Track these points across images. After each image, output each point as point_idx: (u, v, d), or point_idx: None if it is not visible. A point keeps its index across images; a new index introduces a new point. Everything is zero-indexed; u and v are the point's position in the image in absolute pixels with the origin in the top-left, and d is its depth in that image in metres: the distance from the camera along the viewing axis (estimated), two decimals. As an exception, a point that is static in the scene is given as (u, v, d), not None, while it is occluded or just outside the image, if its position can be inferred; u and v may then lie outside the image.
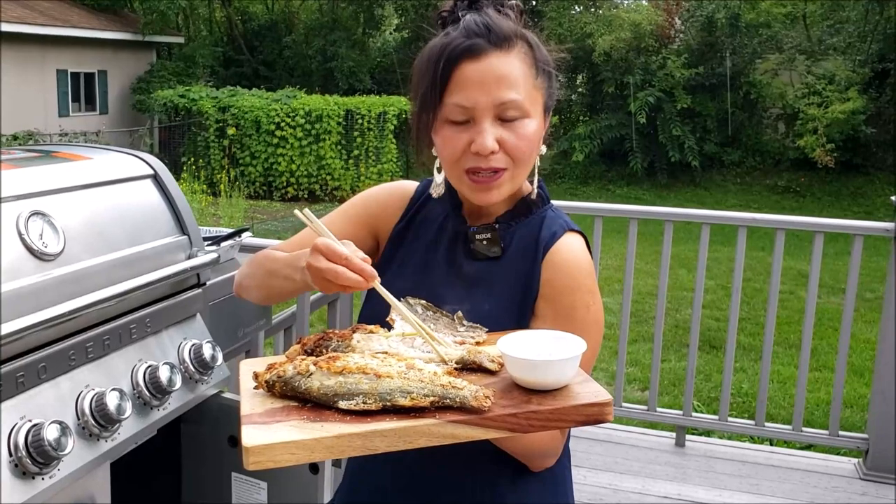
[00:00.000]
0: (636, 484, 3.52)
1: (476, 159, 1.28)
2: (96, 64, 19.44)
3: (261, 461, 1.00)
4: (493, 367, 1.17)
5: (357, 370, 1.09)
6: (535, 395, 1.10)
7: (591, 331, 1.31)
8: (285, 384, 1.13)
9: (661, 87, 17.94)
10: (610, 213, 3.99)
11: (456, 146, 1.29)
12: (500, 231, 1.37)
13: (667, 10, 19.39)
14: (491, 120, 1.27)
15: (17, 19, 16.59)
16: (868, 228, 3.72)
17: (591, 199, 16.29)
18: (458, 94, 1.26)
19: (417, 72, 1.32)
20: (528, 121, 1.29)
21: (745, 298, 8.06)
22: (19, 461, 1.39)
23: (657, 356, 3.92)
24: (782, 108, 18.84)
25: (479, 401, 1.05)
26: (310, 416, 1.07)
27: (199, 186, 15.40)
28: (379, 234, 1.48)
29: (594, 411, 1.08)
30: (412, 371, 1.09)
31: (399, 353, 1.18)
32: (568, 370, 1.11)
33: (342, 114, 17.10)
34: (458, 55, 1.26)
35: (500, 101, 1.26)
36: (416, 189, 1.49)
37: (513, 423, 1.06)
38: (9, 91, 16.29)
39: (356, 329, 1.26)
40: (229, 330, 2.26)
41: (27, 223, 1.54)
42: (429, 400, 1.06)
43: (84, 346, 1.60)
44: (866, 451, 3.64)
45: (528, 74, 1.29)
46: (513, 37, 1.29)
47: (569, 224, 1.40)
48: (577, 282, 1.33)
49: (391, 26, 25.15)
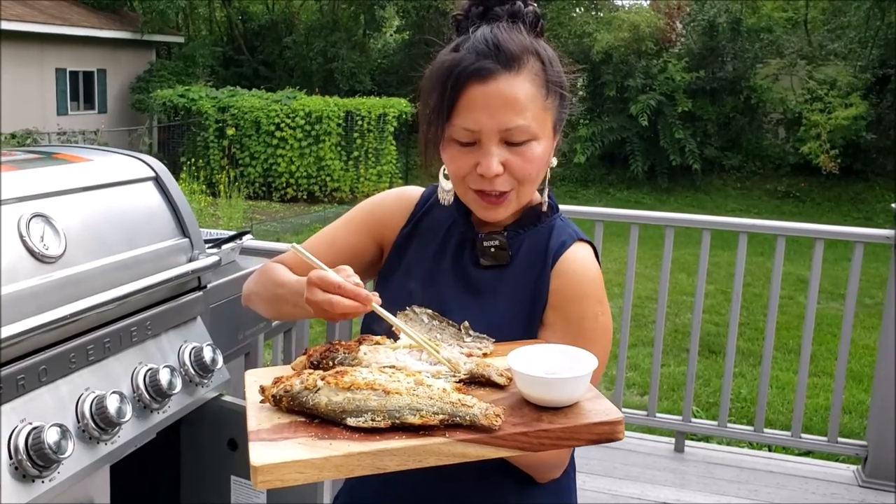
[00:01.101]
0: (635, 489, 3.51)
1: (481, 181, 1.27)
2: (95, 63, 19.44)
3: (269, 480, 0.99)
4: (502, 382, 1.15)
5: (365, 386, 1.08)
6: (545, 413, 1.08)
7: (600, 341, 1.30)
8: (292, 399, 1.11)
9: (662, 90, 17.96)
10: (611, 217, 3.98)
11: (462, 167, 1.28)
12: (509, 238, 1.36)
13: (668, 13, 19.42)
14: (497, 143, 1.25)
15: (16, 17, 16.59)
16: (868, 236, 3.71)
17: (591, 202, 16.30)
18: (464, 117, 1.24)
19: (426, 86, 1.30)
20: (536, 143, 1.27)
21: (745, 303, 8.05)
22: (19, 464, 1.39)
23: (657, 361, 3.92)
24: (783, 112, 18.88)
25: (489, 419, 1.03)
26: (318, 433, 1.05)
27: (198, 187, 15.39)
28: (384, 242, 1.46)
29: (605, 430, 1.06)
30: (421, 388, 1.07)
31: (407, 366, 1.17)
32: (579, 387, 1.09)
33: (342, 115, 17.10)
34: (466, 77, 1.24)
35: (506, 126, 1.24)
36: (421, 195, 1.47)
37: (523, 442, 1.04)
38: (7, 89, 16.29)
39: (362, 340, 1.24)
40: (229, 332, 2.26)
41: (28, 225, 1.53)
42: (438, 418, 1.04)
43: (84, 348, 1.59)
44: (865, 458, 3.64)
45: (538, 96, 1.26)
46: (523, 55, 1.25)
47: (578, 233, 1.38)
48: (586, 291, 1.32)
49: (392, 28, 25.16)
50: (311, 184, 17.08)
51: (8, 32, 16.21)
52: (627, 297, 3.89)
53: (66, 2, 19.81)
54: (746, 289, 6.57)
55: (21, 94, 16.87)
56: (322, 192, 17.03)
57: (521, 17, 1.30)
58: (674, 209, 15.29)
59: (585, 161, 18.26)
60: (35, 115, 16.93)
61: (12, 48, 16.59)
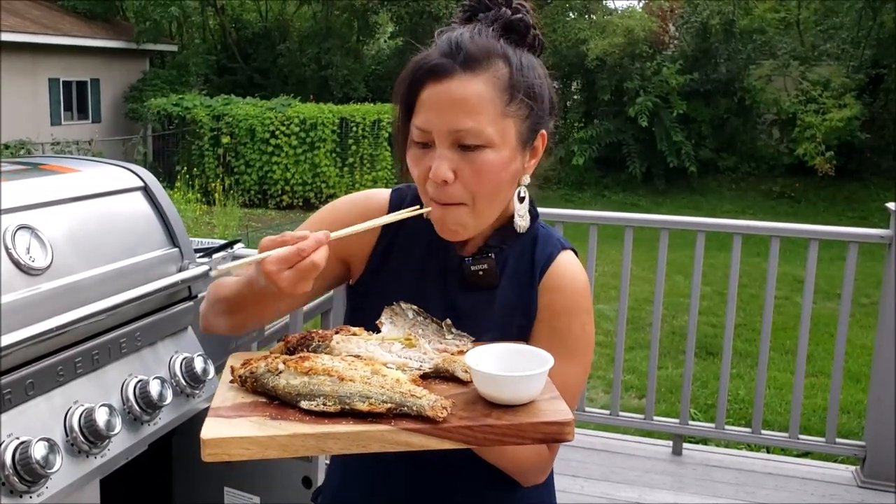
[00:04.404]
0: (633, 493, 3.50)
1: (435, 188, 1.20)
2: (89, 72, 19.41)
3: (216, 453, 1.03)
4: (466, 378, 1.17)
5: (322, 372, 1.11)
6: (495, 410, 1.09)
7: (584, 351, 1.28)
8: (256, 380, 1.15)
9: (657, 93, 18.00)
10: (606, 220, 3.97)
11: (419, 171, 1.22)
12: (495, 258, 1.30)
13: (661, 16, 19.44)
14: (448, 146, 1.19)
15: (8, 28, 16.56)
16: (863, 236, 3.70)
17: (586, 205, 16.30)
18: (419, 116, 1.20)
19: (396, 88, 1.27)
20: (490, 151, 1.18)
21: (741, 305, 8.03)
22: (6, 479, 1.37)
23: (654, 364, 3.91)
24: (777, 113, 18.91)
25: (435, 411, 1.06)
26: (272, 414, 1.09)
27: (193, 195, 15.38)
28: (350, 254, 1.35)
29: (553, 430, 1.07)
30: (376, 377, 1.11)
31: (374, 356, 1.19)
32: (531, 387, 1.09)
33: (337, 122, 17.12)
34: (423, 75, 1.20)
35: (455, 128, 1.17)
36: (390, 201, 1.36)
37: (468, 436, 1.06)
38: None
39: (339, 330, 1.26)
40: (221, 342, 2.24)
41: (14, 237, 1.52)
42: (386, 406, 1.07)
43: (73, 361, 1.58)
44: (864, 459, 3.63)
45: (496, 100, 1.18)
46: (486, 57, 1.19)
47: (562, 242, 1.34)
48: (575, 303, 1.29)
49: (386, 34, 25.13)
50: (306, 191, 17.07)
51: (0, 43, 16.19)
52: (623, 300, 3.88)
53: (58, 12, 19.80)
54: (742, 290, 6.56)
55: (14, 104, 16.83)
56: (318, 198, 17.01)
57: (510, 26, 1.24)
58: (669, 211, 15.29)
59: (582, 164, 18.28)
60: (28, 126, 16.89)
61: (5, 59, 16.57)
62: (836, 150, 16.69)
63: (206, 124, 17.25)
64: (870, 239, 3.65)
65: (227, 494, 1.95)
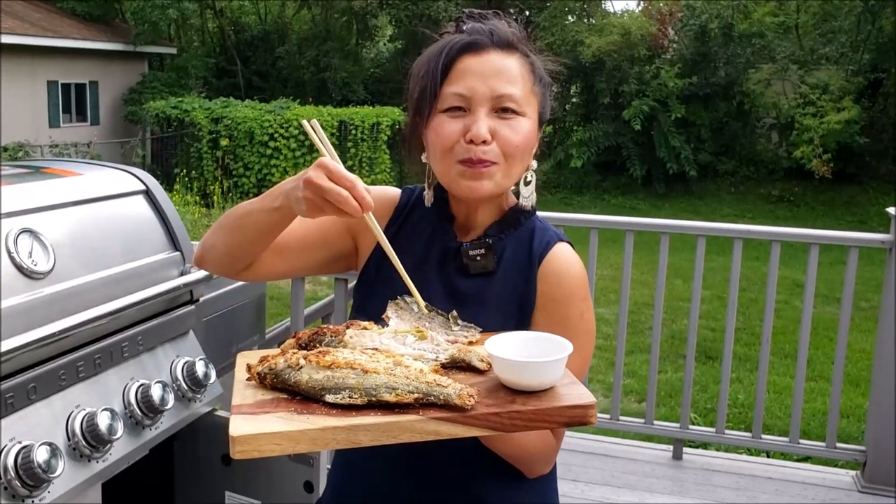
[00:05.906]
0: (633, 498, 3.49)
1: (469, 150, 1.27)
2: (87, 75, 19.39)
3: (246, 450, 1.02)
4: (482, 367, 1.18)
5: (345, 365, 1.11)
6: (519, 396, 1.11)
7: (584, 338, 1.32)
8: (276, 377, 1.14)
9: (656, 96, 18.00)
10: (606, 224, 3.97)
11: (450, 136, 1.28)
12: (493, 243, 1.36)
13: (660, 19, 19.46)
14: (487, 111, 1.28)
15: (7, 30, 16.54)
16: (863, 240, 3.70)
17: (586, 209, 16.31)
18: (456, 84, 1.28)
19: (415, 72, 1.33)
20: (524, 119, 1.30)
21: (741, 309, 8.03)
22: (9, 484, 1.37)
23: (654, 368, 3.90)
24: (776, 117, 18.93)
25: (462, 399, 1.07)
26: (297, 409, 1.09)
27: (192, 198, 15.36)
28: (359, 237, 1.42)
29: (577, 413, 1.09)
30: (399, 368, 1.11)
31: (390, 349, 1.20)
32: (552, 372, 1.11)
33: (336, 124, 17.11)
34: (459, 49, 1.29)
35: (498, 92, 1.27)
36: (400, 198, 1.45)
37: (495, 422, 1.07)
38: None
39: (350, 325, 1.27)
40: (223, 346, 2.24)
41: (16, 241, 1.52)
42: (413, 396, 1.07)
43: (75, 365, 1.58)
44: (864, 463, 3.62)
45: (527, 78, 1.31)
46: (516, 42, 1.31)
47: (558, 234, 1.40)
48: (572, 291, 1.34)
49: (385, 37, 25.15)
50: (305, 193, 17.04)
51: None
52: (623, 304, 3.88)
53: (57, 14, 19.79)
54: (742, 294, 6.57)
55: (13, 106, 16.81)
56: (317, 201, 16.98)
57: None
58: (669, 214, 15.30)
59: (581, 167, 18.28)
60: (27, 128, 16.88)
61: (4, 61, 16.54)
62: (835, 153, 16.69)
63: (205, 127, 17.23)
64: (870, 243, 3.65)
65: (228, 499, 1.94)
